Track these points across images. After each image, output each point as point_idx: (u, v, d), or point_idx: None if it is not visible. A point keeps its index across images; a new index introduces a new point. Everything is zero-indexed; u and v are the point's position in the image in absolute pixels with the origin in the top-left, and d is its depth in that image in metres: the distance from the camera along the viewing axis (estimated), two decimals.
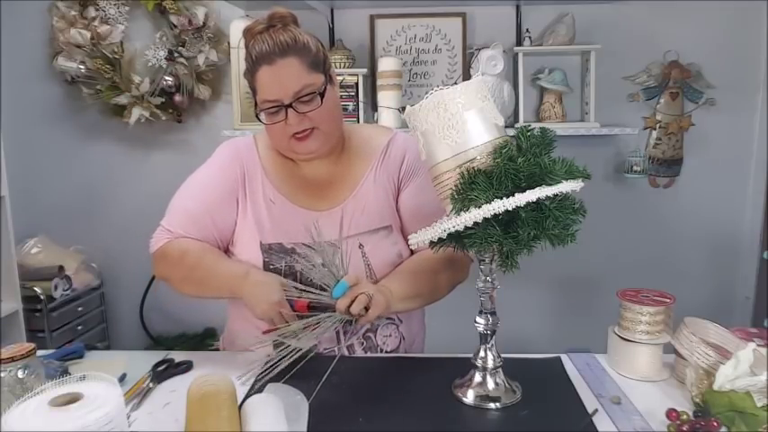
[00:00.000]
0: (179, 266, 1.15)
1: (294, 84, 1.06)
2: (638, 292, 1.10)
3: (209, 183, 1.21)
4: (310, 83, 1.08)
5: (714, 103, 2.40)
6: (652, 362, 1.06)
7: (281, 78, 1.07)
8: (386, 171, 1.21)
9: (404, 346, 1.25)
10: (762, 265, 2.40)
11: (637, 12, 2.35)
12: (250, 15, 2.26)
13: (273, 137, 1.15)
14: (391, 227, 1.20)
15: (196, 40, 2.37)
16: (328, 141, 1.14)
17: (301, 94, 1.07)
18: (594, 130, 2.26)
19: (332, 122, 1.14)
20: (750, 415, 0.82)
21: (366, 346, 1.20)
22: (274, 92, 1.07)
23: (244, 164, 1.20)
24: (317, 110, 1.08)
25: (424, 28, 2.41)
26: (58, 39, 2.37)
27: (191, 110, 2.48)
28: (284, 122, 1.08)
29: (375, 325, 1.19)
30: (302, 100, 1.07)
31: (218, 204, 1.18)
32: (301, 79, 1.07)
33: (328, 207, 1.18)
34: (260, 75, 1.08)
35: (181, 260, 1.14)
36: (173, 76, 2.37)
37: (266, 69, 1.07)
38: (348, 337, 1.18)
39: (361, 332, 1.20)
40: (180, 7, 2.34)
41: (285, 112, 1.07)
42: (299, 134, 1.10)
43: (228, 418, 0.82)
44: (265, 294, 1.04)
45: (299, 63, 1.07)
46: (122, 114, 2.41)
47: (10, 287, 2.11)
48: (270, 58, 1.06)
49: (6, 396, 0.82)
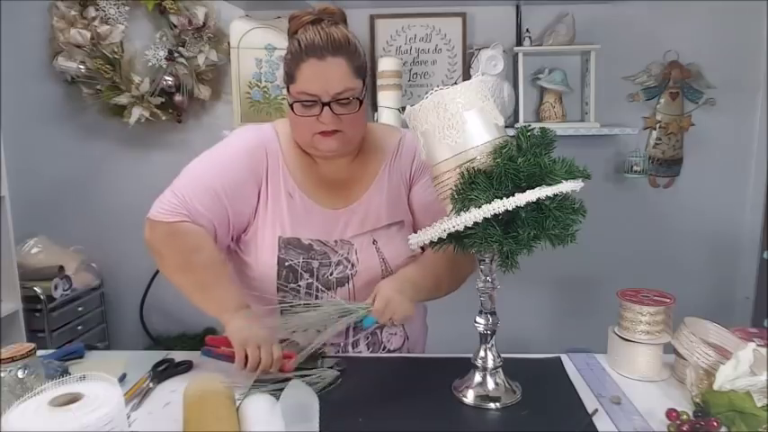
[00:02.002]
0: (183, 255, 1.09)
1: (338, 85, 1.06)
2: (637, 292, 1.10)
3: (231, 162, 1.14)
4: (352, 87, 1.07)
5: (714, 103, 2.39)
6: (652, 362, 1.06)
7: (327, 76, 1.05)
8: (398, 169, 1.22)
9: (407, 346, 1.26)
10: (762, 265, 2.40)
11: (637, 12, 2.35)
12: (250, 15, 2.26)
13: (298, 130, 1.13)
14: (403, 222, 1.22)
15: (196, 40, 2.37)
16: (350, 144, 1.14)
17: (341, 96, 1.06)
18: (594, 130, 2.26)
19: (358, 128, 1.14)
20: (750, 415, 0.82)
21: (371, 342, 1.21)
22: (316, 87, 1.05)
23: (268, 153, 1.17)
24: (350, 114, 1.08)
25: (424, 28, 2.41)
26: (58, 39, 2.37)
27: (191, 110, 2.48)
28: (316, 118, 1.07)
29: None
30: (340, 102, 1.07)
31: (239, 186, 1.13)
32: (345, 81, 1.06)
33: (344, 205, 1.19)
34: (305, 66, 1.06)
35: (190, 251, 1.08)
36: (173, 76, 2.37)
37: (314, 62, 1.05)
38: (355, 333, 1.19)
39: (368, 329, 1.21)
40: (180, 7, 2.34)
41: (321, 108, 1.06)
42: (325, 132, 1.09)
43: (227, 419, 0.82)
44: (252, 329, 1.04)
45: (347, 65, 1.06)
46: (122, 114, 2.41)
47: (10, 287, 2.11)
48: (320, 53, 1.05)
49: (6, 396, 0.82)
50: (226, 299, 1.09)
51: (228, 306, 1.08)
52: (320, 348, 1.09)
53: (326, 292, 1.15)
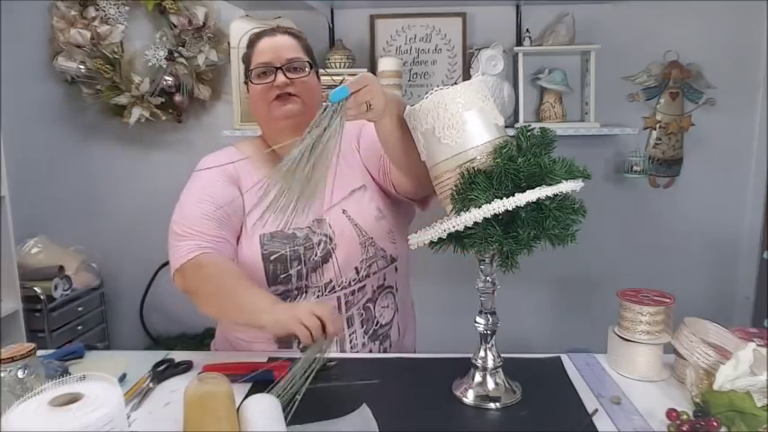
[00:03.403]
0: (213, 280, 1.10)
1: (288, 52, 1.21)
2: (637, 292, 1.10)
3: (210, 182, 1.23)
4: (302, 57, 1.23)
5: (714, 103, 2.39)
6: (652, 362, 1.06)
7: (278, 46, 1.22)
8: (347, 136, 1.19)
9: (397, 319, 1.29)
10: (762, 265, 2.40)
11: (637, 12, 2.35)
12: (250, 15, 2.26)
13: (258, 104, 1.23)
14: (365, 186, 1.26)
15: (196, 40, 2.37)
16: (307, 112, 1.14)
17: (293, 62, 1.20)
18: (594, 130, 2.26)
19: (313, 95, 1.23)
20: (750, 415, 0.82)
21: (365, 318, 1.24)
22: (269, 56, 1.20)
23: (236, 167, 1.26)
24: (302, 81, 1.19)
25: (424, 28, 2.41)
26: (58, 39, 2.37)
27: (191, 110, 2.48)
28: (271, 85, 1.18)
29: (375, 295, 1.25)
30: (293, 66, 1.20)
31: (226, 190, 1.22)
32: (295, 52, 1.22)
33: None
34: (259, 45, 1.23)
35: (218, 275, 1.10)
36: (173, 76, 2.37)
37: (266, 40, 1.23)
38: (348, 307, 1.22)
39: (362, 303, 1.23)
40: (180, 7, 2.34)
41: (275, 75, 1.18)
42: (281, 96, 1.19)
43: (227, 419, 0.82)
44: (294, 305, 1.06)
45: (296, 42, 1.24)
46: (122, 114, 2.41)
47: (10, 287, 2.11)
48: (272, 33, 1.24)
49: (6, 396, 0.82)
50: (260, 300, 1.07)
51: (264, 305, 1.06)
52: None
53: (314, 273, 1.20)
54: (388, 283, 1.27)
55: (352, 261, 1.21)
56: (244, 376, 1.01)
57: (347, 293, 1.21)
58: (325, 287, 1.20)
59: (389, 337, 1.28)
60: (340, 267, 1.21)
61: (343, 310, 1.22)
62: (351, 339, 1.22)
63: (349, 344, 1.22)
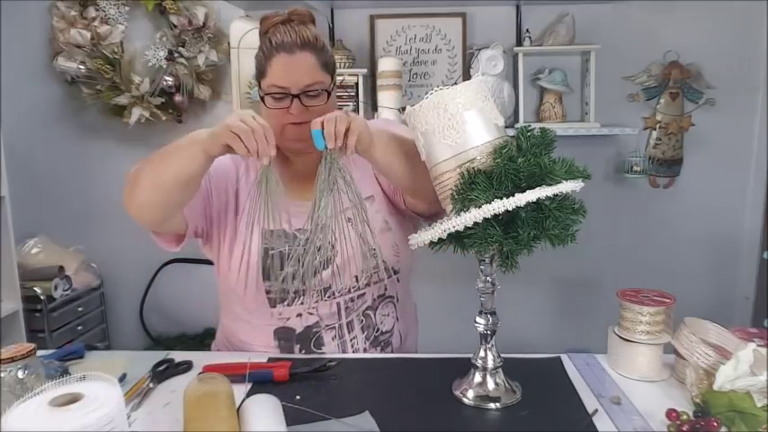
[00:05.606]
0: (144, 165, 1.12)
1: (306, 78, 1.11)
2: (638, 292, 1.10)
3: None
4: (320, 80, 1.12)
5: (714, 103, 2.40)
6: (652, 362, 1.06)
7: (296, 69, 1.11)
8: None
9: (398, 327, 1.28)
10: (762, 265, 2.40)
11: (637, 12, 2.35)
12: (250, 15, 2.26)
13: (269, 119, 1.14)
14: (373, 197, 1.24)
15: (196, 40, 2.37)
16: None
17: (310, 89, 1.11)
18: (594, 130, 2.26)
19: None
20: (750, 415, 0.82)
21: (365, 324, 1.22)
22: (286, 80, 1.11)
23: (237, 166, 1.24)
24: (319, 107, 1.11)
25: (424, 28, 2.41)
26: (58, 39, 2.37)
27: (191, 110, 2.48)
28: (286, 110, 1.12)
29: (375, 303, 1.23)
30: (309, 94, 1.11)
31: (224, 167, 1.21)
32: (313, 75, 1.11)
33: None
34: (275, 61, 1.11)
35: (139, 170, 1.13)
36: (173, 77, 2.37)
37: (283, 57, 1.11)
38: (347, 314, 1.21)
39: (361, 309, 1.22)
40: (180, 7, 2.34)
41: (291, 100, 1.11)
42: (295, 123, 1.13)
43: (227, 419, 0.82)
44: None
45: (315, 60, 1.12)
46: (122, 114, 2.41)
47: (10, 287, 2.11)
48: (289, 48, 1.10)
49: (6, 396, 0.82)
50: (193, 134, 1.04)
51: (198, 132, 1.03)
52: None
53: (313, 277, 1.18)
54: (389, 293, 1.25)
55: (352, 269, 1.18)
56: (244, 376, 1.01)
57: (347, 300, 1.20)
58: (324, 291, 1.19)
59: (391, 344, 1.27)
60: (339, 274, 1.19)
61: (343, 315, 1.21)
62: (352, 344, 1.21)
63: (351, 348, 1.22)
